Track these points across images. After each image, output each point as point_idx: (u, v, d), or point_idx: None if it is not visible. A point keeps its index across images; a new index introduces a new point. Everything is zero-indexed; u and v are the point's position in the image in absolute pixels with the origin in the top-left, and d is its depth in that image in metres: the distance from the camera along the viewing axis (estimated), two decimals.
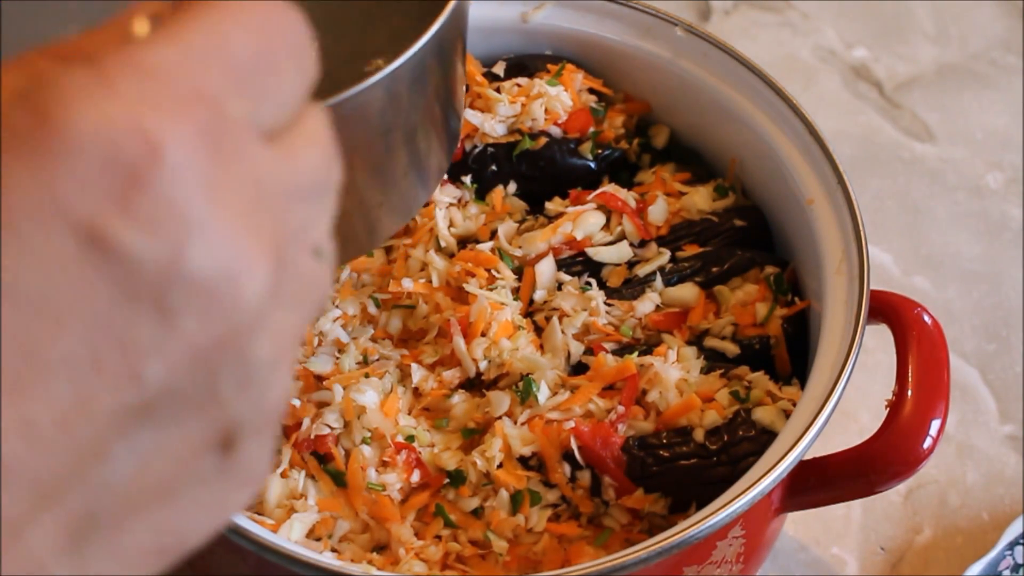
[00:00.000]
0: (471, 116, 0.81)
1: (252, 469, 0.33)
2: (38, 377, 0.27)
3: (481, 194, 0.81)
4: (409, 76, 0.60)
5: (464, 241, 0.79)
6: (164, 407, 0.29)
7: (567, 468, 0.69)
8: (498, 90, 0.82)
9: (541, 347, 0.75)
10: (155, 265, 0.28)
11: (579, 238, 0.77)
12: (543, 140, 0.81)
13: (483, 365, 0.73)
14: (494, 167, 0.81)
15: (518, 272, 0.77)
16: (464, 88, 0.71)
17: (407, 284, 0.76)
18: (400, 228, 0.72)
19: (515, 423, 0.71)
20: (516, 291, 0.76)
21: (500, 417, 0.71)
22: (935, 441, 0.66)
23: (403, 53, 0.58)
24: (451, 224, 0.79)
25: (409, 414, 0.73)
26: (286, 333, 0.32)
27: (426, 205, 0.78)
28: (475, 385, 0.75)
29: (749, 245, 0.79)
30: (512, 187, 0.81)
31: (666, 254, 0.78)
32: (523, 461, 0.70)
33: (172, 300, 0.28)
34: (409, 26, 0.64)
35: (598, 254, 0.77)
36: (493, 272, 0.76)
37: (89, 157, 0.27)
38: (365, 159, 0.62)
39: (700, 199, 0.80)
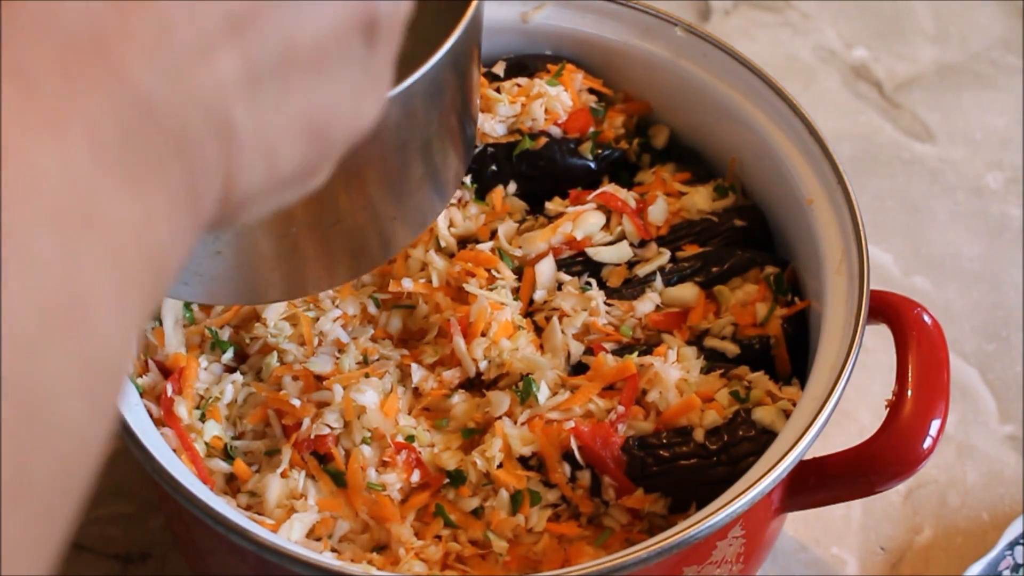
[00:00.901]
0: None
1: (381, 71, 0.39)
2: None
3: (481, 194, 0.81)
4: (425, 91, 0.59)
5: (464, 241, 0.79)
6: None
7: (567, 468, 0.69)
8: (498, 90, 0.82)
9: (541, 347, 0.75)
10: None
11: (579, 238, 0.77)
12: (543, 140, 0.81)
13: (483, 365, 0.73)
14: (494, 167, 0.81)
15: (518, 272, 0.77)
16: (479, 93, 0.70)
17: (407, 284, 0.76)
18: (415, 239, 0.72)
19: (515, 423, 0.71)
20: (516, 291, 0.76)
21: (500, 417, 0.71)
22: (935, 441, 0.66)
23: (419, 68, 0.57)
24: (451, 224, 0.79)
25: (409, 414, 0.73)
26: None
27: None
28: (475, 385, 0.75)
29: (749, 245, 0.79)
30: (512, 187, 0.81)
31: (666, 254, 0.78)
32: (523, 461, 0.70)
33: None
34: (433, 27, 0.63)
35: (598, 254, 0.77)
36: (493, 272, 0.76)
37: None
38: (379, 174, 0.62)
39: (700, 199, 0.80)
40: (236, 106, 0.33)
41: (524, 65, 0.85)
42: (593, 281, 0.77)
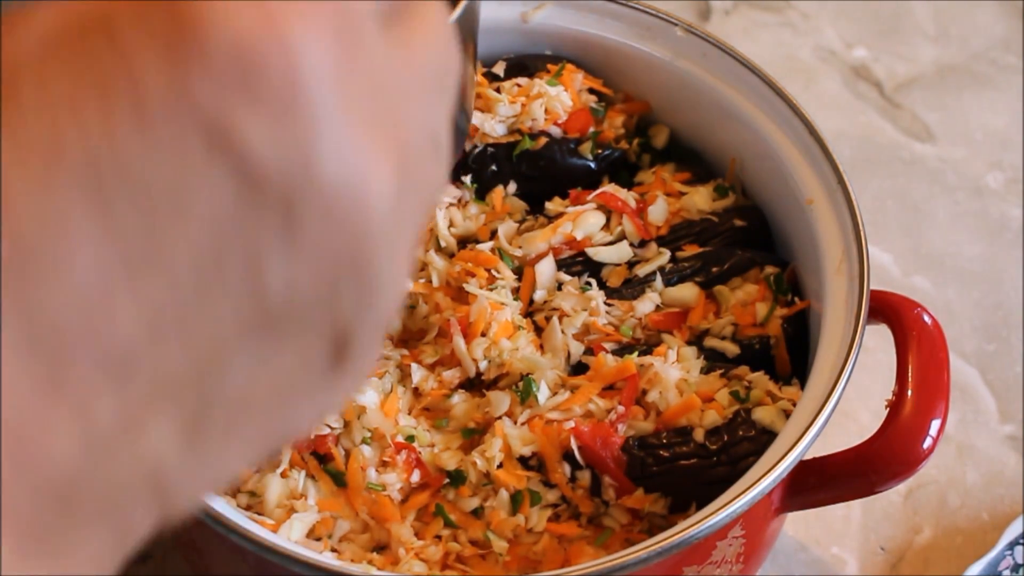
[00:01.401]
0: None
1: (357, 372, 0.33)
2: (161, 265, 0.27)
3: (481, 194, 0.81)
4: None
5: (464, 241, 0.79)
6: (283, 319, 0.29)
7: (567, 468, 0.69)
8: (498, 90, 0.82)
9: (541, 347, 0.75)
10: (281, 163, 0.27)
11: (579, 238, 0.77)
12: (543, 140, 0.81)
13: (483, 365, 0.73)
14: (494, 167, 0.81)
15: (518, 272, 0.77)
16: (475, 89, 0.70)
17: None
18: None
19: (515, 423, 0.71)
20: (516, 291, 0.76)
21: (500, 417, 0.71)
22: (935, 441, 0.66)
23: None
24: (451, 224, 0.79)
25: (409, 414, 0.73)
26: (405, 242, 0.31)
27: None
28: (475, 385, 0.75)
29: (749, 245, 0.79)
30: (512, 187, 0.81)
31: (666, 254, 0.78)
32: (523, 461, 0.70)
33: (298, 205, 0.27)
34: None
35: (598, 254, 0.77)
36: (493, 272, 0.76)
37: (223, 58, 0.26)
38: None
39: (700, 199, 0.80)
40: (170, 467, 0.29)
41: (524, 65, 0.85)
42: (593, 281, 0.77)
